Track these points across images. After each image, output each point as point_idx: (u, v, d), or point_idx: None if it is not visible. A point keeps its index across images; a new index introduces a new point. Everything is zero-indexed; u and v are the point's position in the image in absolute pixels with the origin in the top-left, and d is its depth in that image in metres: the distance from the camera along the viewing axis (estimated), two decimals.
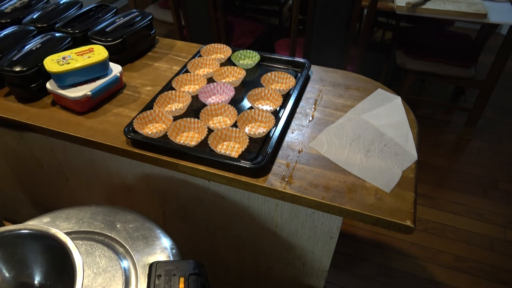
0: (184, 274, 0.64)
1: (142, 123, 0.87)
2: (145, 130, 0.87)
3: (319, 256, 0.93)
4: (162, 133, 0.84)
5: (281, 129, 0.84)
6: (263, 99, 0.95)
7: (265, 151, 0.78)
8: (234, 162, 0.76)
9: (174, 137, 0.84)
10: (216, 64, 1.06)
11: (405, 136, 0.86)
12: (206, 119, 0.88)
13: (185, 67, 1.05)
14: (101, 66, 0.94)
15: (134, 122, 0.85)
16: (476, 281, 1.53)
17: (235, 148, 0.82)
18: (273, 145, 0.80)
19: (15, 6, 1.18)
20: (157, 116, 0.89)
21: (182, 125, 0.86)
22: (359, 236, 1.70)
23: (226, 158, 0.77)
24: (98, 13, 1.18)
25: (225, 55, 1.10)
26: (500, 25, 2.56)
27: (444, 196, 1.87)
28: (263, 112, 0.87)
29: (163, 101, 0.93)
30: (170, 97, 0.95)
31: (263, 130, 0.86)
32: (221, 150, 0.81)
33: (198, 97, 0.93)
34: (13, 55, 0.95)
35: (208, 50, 1.12)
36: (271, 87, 0.95)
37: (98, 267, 0.69)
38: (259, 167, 0.75)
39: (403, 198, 0.72)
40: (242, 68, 1.04)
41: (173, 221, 1.06)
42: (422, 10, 1.70)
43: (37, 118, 0.92)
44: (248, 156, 0.79)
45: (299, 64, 1.06)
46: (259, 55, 1.07)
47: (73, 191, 1.16)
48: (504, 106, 2.46)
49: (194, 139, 0.85)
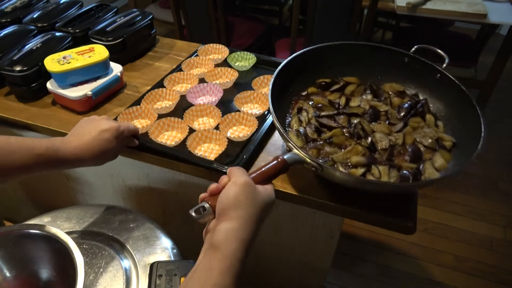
0: (185, 274, 0.65)
1: (128, 118, 0.87)
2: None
3: (319, 256, 0.93)
4: (145, 129, 0.84)
5: (263, 134, 0.81)
6: (252, 102, 0.94)
7: (241, 156, 0.76)
8: (208, 164, 0.75)
9: (156, 135, 0.83)
10: (211, 64, 1.05)
11: None
12: (190, 119, 0.87)
13: (179, 66, 1.04)
14: (102, 65, 0.94)
15: (119, 117, 0.85)
16: (476, 281, 1.53)
17: (214, 150, 0.81)
18: (251, 150, 0.77)
19: (15, 6, 1.18)
20: (143, 112, 0.89)
21: (166, 124, 0.86)
22: (359, 236, 1.70)
23: (201, 161, 0.75)
24: (99, 13, 1.18)
25: (222, 55, 1.09)
26: (500, 25, 2.56)
27: (444, 196, 1.87)
28: (247, 115, 0.86)
29: (152, 98, 0.93)
30: (161, 94, 0.95)
31: (245, 133, 0.84)
32: (199, 152, 0.80)
33: (186, 97, 0.93)
34: (14, 55, 0.94)
35: (206, 50, 1.12)
36: (260, 91, 0.94)
37: (99, 267, 0.69)
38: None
39: (403, 198, 0.72)
40: (237, 70, 1.03)
41: (174, 221, 1.06)
42: (422, 10, 1.71)
43: (37, 118, 0.91)
44: (228, 159, 0.77)
45: None
46: (255, 57, 1.06)
47: (73, 191, 1.16)
48: (504, 106, 2.46)
49: (176, 139, 0.84)
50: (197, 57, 1.07)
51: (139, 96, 0.93)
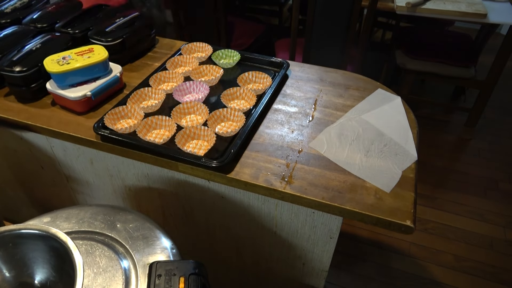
0: (184, 274, 0.64)
1: (114, 118, 0.88)
2: (116, 126, 0.87)
3: (319, 256, 0.93)
4: (132, 128, 0.84)
5: (249, 129, 0.84)
6: (238, 98, 0.95)
7: (229, 151, 0.79)
8: (196, 160, 0.77)
9: (144, 134, 0.84)
10: (196, 62, 1.06)
11: (405, 136, 0.86)
12: (178, 117, 0.88)
13: (164, 65, 1.05)
14: (101, 66, 0.94)
15: (105, 118, 0.85)
16: (476, 281, 1.53)
17: (203, 146, 0.83)
18: (238, 144, 0.80)
19: (15, 6, 1.18)
20: (130, 112, 0.89)
21: (154, 123, 0.87)
22: (359, 236, 1.70)
23: (190, 157, 0.78)
24: (98, 13, 1.18)
25: (206, 54, 1.10)
26: (500, 25, 2.56)
27: (444, 196, 1.87)
28: (234, 111, 0.88)
29: (138, 97, 0.93)
30: (146, 93, 0.95)
31: (233, 129, 0.86)
32: (188, 149, 0.81)
33: (173, 95, 0.93)
34: (13, 55, 0.95)
35: (189, 49, 1.12)
36: (246, 87, 0.96)
37: (98, 267, 0.69)
38: (223, 165, 0.76)
39: (403, 198, 0.72)
40: (222, 67, 1.04)
41: (173, 221, 1.06)
42: (422, 10, 1.70)
43: (37, 118, 0.92)
44: (217, 154, 0.80)
45: (277, 64, 1.06)
46: (239, 54, 1.07)
47: (73, 191, 1.16)
48: (504, 106, 2.46)
49: (164, 136, 0.85)
50: (181, 56, 1.07)
51: (124, 96, 0.94)
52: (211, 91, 0.96)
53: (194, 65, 1.05)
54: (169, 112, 0.88)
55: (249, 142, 0.85)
